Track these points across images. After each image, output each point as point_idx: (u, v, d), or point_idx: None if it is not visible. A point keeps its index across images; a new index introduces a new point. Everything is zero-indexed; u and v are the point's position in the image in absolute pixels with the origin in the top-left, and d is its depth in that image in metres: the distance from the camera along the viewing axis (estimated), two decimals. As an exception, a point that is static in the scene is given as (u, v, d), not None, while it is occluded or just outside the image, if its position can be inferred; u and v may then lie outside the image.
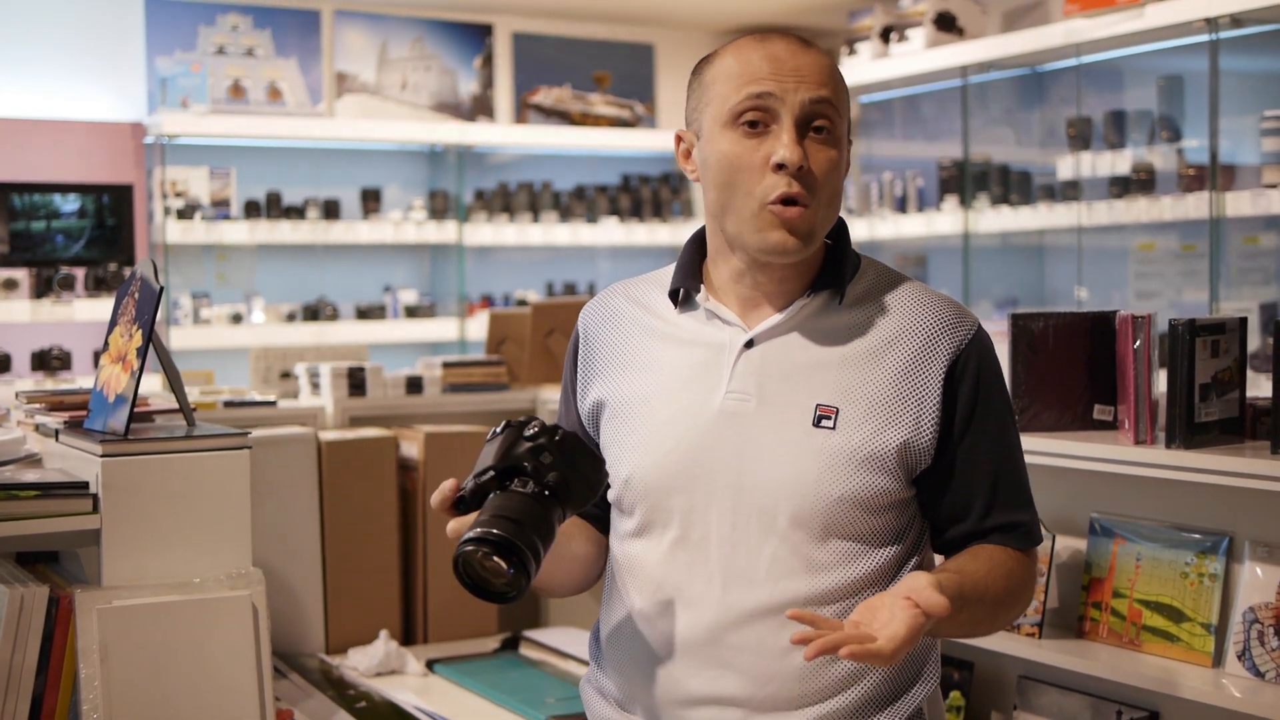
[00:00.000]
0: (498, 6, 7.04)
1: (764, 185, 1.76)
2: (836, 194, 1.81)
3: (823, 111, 1.77)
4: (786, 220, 1.76)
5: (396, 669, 3.25)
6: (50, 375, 5.69)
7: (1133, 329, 2.50)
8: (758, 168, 1.77)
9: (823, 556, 1.77)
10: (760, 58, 1.79)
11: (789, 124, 1.76)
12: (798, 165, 1.74)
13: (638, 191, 7.33)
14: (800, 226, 1.76)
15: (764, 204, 1.76)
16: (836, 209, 1.83)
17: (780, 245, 1.77)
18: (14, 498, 2.32)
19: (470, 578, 1.66)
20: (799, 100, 1.76)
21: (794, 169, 1.74)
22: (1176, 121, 5.03)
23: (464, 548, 1.62)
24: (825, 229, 1.81)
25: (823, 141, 1.78)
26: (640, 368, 1.89)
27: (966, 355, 1.81)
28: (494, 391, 4.04)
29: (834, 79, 1.80)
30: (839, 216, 1.90)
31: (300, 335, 6.30)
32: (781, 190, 1.75)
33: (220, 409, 3.56)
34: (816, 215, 1.78)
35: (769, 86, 1.77)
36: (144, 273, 2.48)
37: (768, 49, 1.80)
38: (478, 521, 1.63)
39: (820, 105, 1.77)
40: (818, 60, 1.80)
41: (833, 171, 1.78)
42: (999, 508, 1.83)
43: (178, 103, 6.38)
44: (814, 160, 1.77)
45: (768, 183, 1.76)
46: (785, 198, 1.75)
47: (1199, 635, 2.47)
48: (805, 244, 1.78)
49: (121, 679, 2.29)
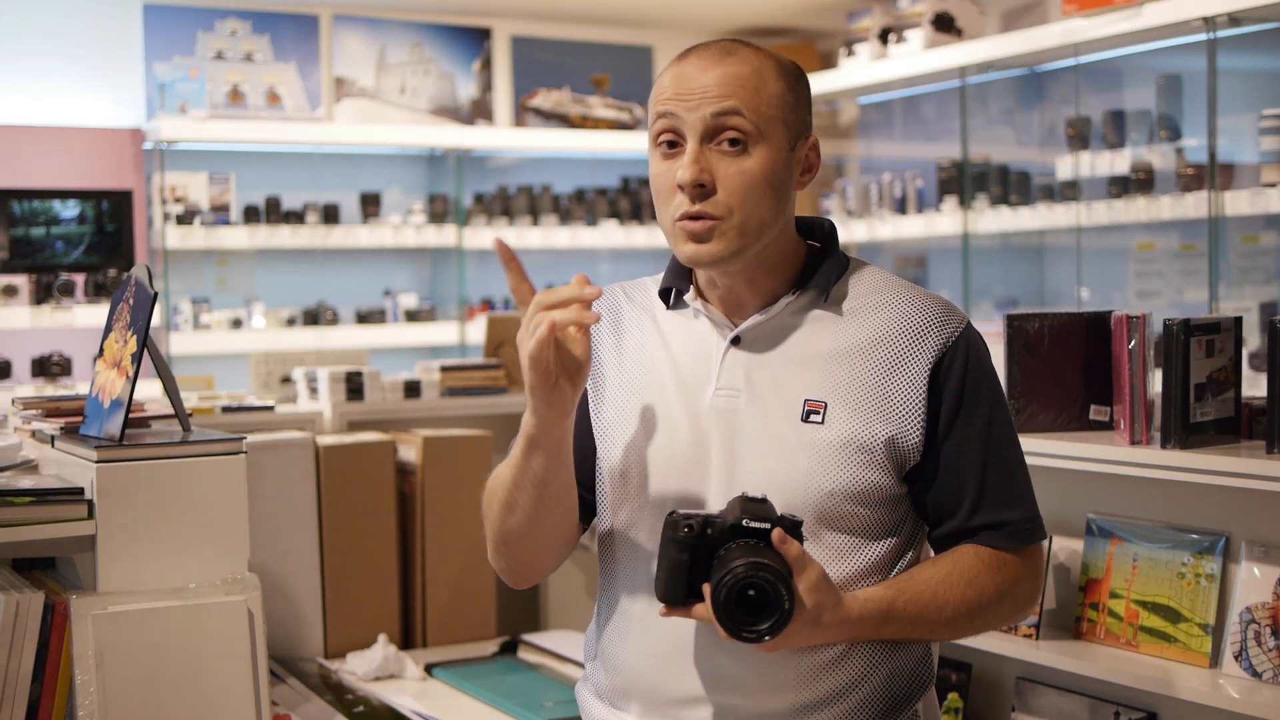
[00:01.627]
0: (496, 10, 7.04)
1: (674, 203, 1.80)
2: (759, 200, 1.79)
3: (729, 124, 1.77)
4: (691, 233, 1.79)
5: (395, 673, 3.25)
6: (50, 381, 5.70)
7: (1128, 329, 2.50)
8: (671, 187, 1.80)
9: (816, 551, 1.78)
10: (671, 78, 1.81)
11: (692, 144, 1.78)
12: (691, 182, 1.76)
13: (637, 194, 7.33)
14: (706, 238, 1.78)
15: (674, 220, 1.80)
16: (771, 210, 1.80)
17: (692, 257, 1.80)
18: (9, 504, 2.32)
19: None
20: (699, 117, 1.77)
21: (689, 187, 1.77)
22: (1175, 121, 5.03)
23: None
24: (746, 239, 1.79)
25: (734, 153, 1.78)
26: (633, 363, 1.91)
27: (953, 352, 1.82)
28: (492, 395, 4.04)
29: (748, 86, 1.78)
30: (827, 220, 1.92)
31: (300, 340, 6.30)
32: (684, 208, 1.78)
33: (218, 414, 3.56)
34: (727, 227, 1.78)
35: (672, 107, 1.79)
36: (138, 277, 2.48)
37: (680, 67, 1.81)
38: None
39: (724, 117, 1.77)
40: (727, 73, 1.78)
41: (747, 182, 1.78)
42: (986, 506, 1.83)
43: (177, 108, 6.38)
44: (721, 173, 1.77)
45: (676, 201, 1.79)
46: (686, 214, 1.78)
47: (1196, 636, 2.47)
48: (717, 256, 1.79)
49: (117, 685, 2.29)
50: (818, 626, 1.71)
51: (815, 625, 1.71)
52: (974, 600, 1.81)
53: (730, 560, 1.66)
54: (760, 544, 1.67)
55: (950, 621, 1.81)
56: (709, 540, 1.70)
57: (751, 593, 1.65)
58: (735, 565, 1.65)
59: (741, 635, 1.66)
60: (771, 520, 1.68)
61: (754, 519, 1.68)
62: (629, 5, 6.98)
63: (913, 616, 1.78)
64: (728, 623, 1.66)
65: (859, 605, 1.75)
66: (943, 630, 1.83)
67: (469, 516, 3.56)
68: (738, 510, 1.70)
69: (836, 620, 1.72)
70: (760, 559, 1.65)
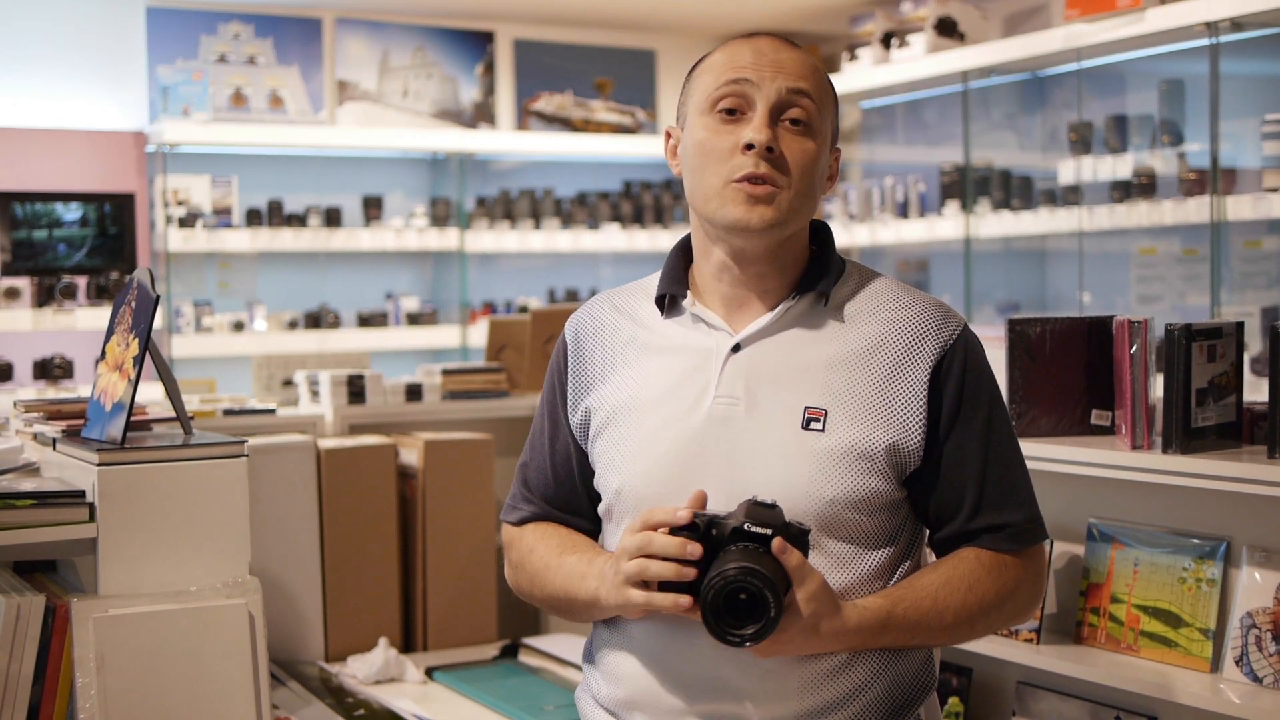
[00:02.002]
0: (499, 14, 7.05)
1: (732, 164, 1.80)
2: (811, 185, 1.82)
3: (799, 103, 1.81)
4: (752, 195, 1.79)
5: (395, 677, 3.25)
6: (52, 384, 5.69)
7: (1129, 334, 2.50)
8: (729, 150, 1.80)
9: (817, 559, 1.78)
10: (743, 49, 1.84)
11: (763, 109, 1.80)
12: (765, 145, 1.78)
13: (639, 198, 7.33)
14: (764, 200, 1.79)
15: (730, 180, 1.80)
16: (811, 200, 1.84)
17: (744, 219, 1.80)
18: (11, 507, 2.32)
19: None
20: (775, 88, 1.80)
21: (762, 149, 1.78)
22: (1177, 125, 5.03)
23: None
24: (796, 216, 1.82)
25: (798, 132, 1.81)
26: (628, 379, 1.89)
27: (951, 356, 1.82)
28: (494, 399, 4.04)
29: (815, 76, 1.84)
30: (823, 222, 1.93)
31: (302, 343, 6.31)
32: (748, 169, 1.79)
33: (219, 417, 3.56)
34: (784, 198, 1.79)
35: (746, 73, 1.81)
36: (141, 280, 2.48)
37: (753, 43, 1.85)
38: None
39: (796, 96, 1.81)
40: (800, 57, 1.84)
41: (807, 161, 1.80)
42: (986, 508, 1.83)
43: (179, 111, 6.39)
44: (786, 146, 1.80)
45: (735, 162, 1.80)
46: (751, 176, 1.78)
47: (1197, 640, 2.46)
48: (770, 222, 1.79)
49: (118, 688, 2.29)
50: (815, 635, 1.71)
51: (812, 634, 1.71)
52: (975, 605, 1.81)
53: (726, 563, 1.66)
54: (760, 549, 1.67)
55: (952, 627, 1.81)
56: (712, 540, 1.70)
57: (743, 596, 1.65)
58: (728, 568, 1.65)
59: (726, 638, 1.66)
60: (776, 526, 1.68)
61: (758, 524, 1.68)
62: (632, 9, 6.98)
63: (913, 624, 1.78)
64: (713, 623, 1.66)
65: (858, 614, 1.75)
66: (944, 636, 1.83)
67: (470, 520, 3.57)
68: (743, 514, 1.70)
69: (834, 629, 1.72)
70: (754, 564, 1.64)
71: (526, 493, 2.02)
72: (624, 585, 1.73)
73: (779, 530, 1.68)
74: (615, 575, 1.75)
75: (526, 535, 1.99)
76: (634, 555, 1.71)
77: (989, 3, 6.22)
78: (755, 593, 1.64)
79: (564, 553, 1.92)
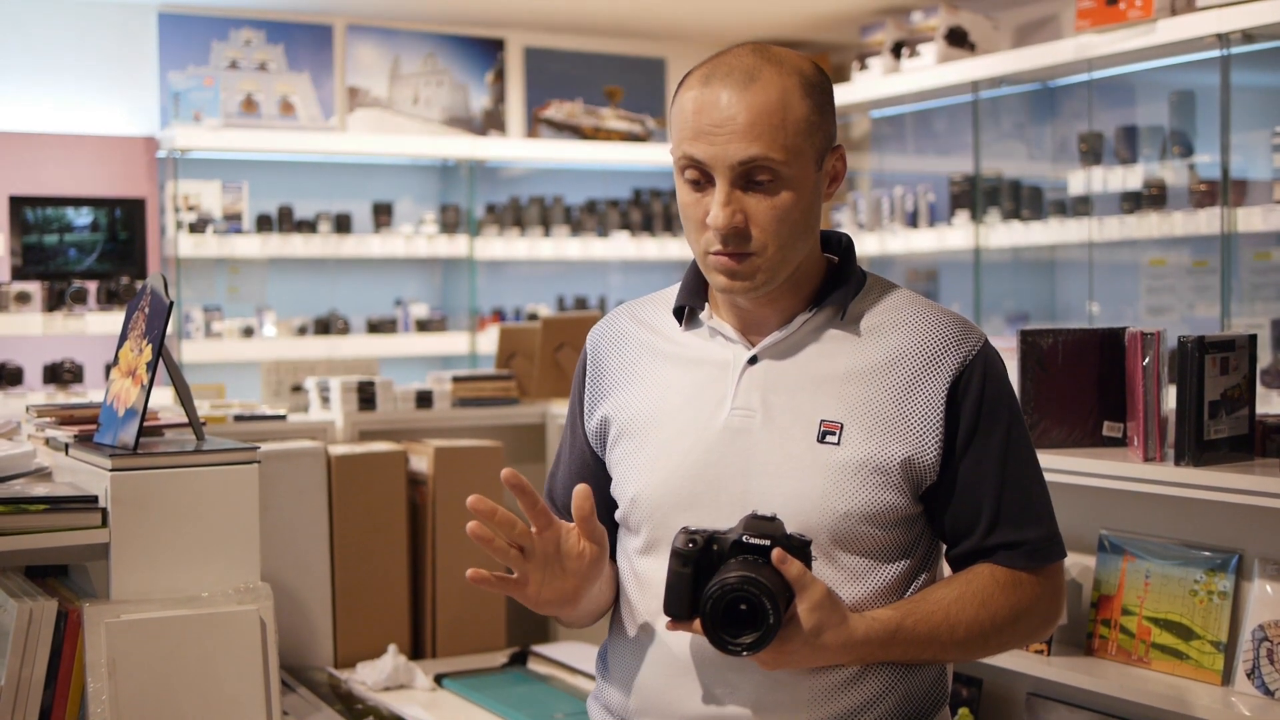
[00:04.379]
0: (509, 21, 7.06)
1: (705, 237, 1.79)
2: (795, 231, 1.79)
3: (758, 164, 1.74)
4: (725, 267, 1.79)
5: (405, 683, 3.25)
6: (62, 389, 5.71)
7: (1142, 346, 2.50)
8: (700, 220, 1.79)
9: (830, 573, 1.77)
10: (694, 110, 1.76)
11: (721, 186, 1.76)
12: (724, 227, 1.75)
13: (649, 205, 7.33)
14: (741, 272, 1.78)
15: (706, 252, 1.80)
16: (801, 241, 1.81)
17: (726, 288, 1.81)
18: (23, 511, 2.33)
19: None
20: (728, 165, 1.74)
21: (721, 231, 1.76)
22: (1188, 137, 5.03)
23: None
24: (782, 267, 1.80)
25: (765, 191, 1.76)
26: (646, 388, 1.90)
27: (970, 371, 1.81)
28: (504, 406, 4.05)
29: (772, 122, 1.73)
30: (845, 234, 1.92)
31: (311, 349, 6.31)
32: (715, 246, 1.78)
33: (230, 423, 3.57)
34: (762, 261, 1.78)
35: (699, 151, 1.76)
36: (154, 286, 2.49)
37: (706, 96, 1.76)
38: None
39: (751, 163, 1.74)
40: (754, 102, 1.74)
41: (780, 215, 1.76)
42: (1003, 525, 1.82)
43: (190, 117, 6.40)
44: (754, 212, 1.76)
45: (706, 236, 1.79)
46: (721, 252, 1.78)
47: (1208, 653, 2.46)
48: (750, 289, 1.80)
49: (130, 693, 2.29)
50: (819, 646, 1.70)
51: (816, 644, 1.70)
52: (987, 621, 1.80)
53: (725, 574, 1.66)
54: (761, 561, 1.67)
55: (963, 642, 1.80)
56: (712, 556, 1.70)
57: (744, 606, 1.65)
58: (728, 577, 1.65)
59: (725, 647, 1.66)
60: (775, 538, 1.68)
61: (756, 536, 1.68)
62: (642, 17, 6.99)
63: (923, 637, 1.77)
64: (712, 632, 1.66)
65: (865, 625, 1.74)
66: (955, 651, 1.82)
67: (480, 527, 3.57)
68: (742, 527, 1.70)
69: (840, 640, 1.71)
70: (753, 574, 1.65)
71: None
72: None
73: (778, 542, 1.68)
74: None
75: None
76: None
77: (1000, 13, 6.22)
78: (754, 601, 1.64)
79: None
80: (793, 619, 1.68)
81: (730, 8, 6.70)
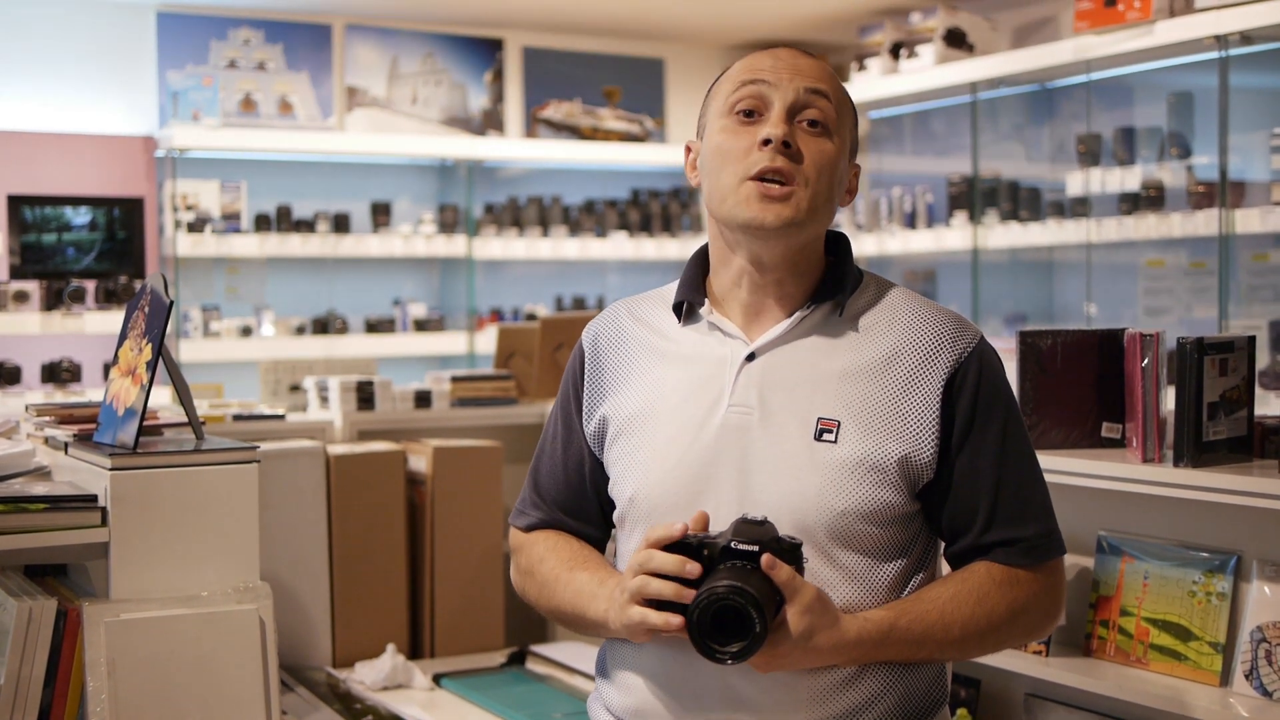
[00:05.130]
0: (508, 21, 7.06)
1: (749, 160, 1.81)
2: (830, 188, 1.83)
3: (816, 103, 1.83)
4: (767, 193, 1.79)
5: (403, 683, 3.25)
6: (60, 388, 5.70)
7: (1141, 347, 2.50)
8: (745, 149, 1.81)
9: (828, 571, 1.77)
10: (762, 57, 1.86)
11: (780, 109, 1.81)
12: (781, 139, 1.79)
13: (647, 206, 7.33)
14: (780, 199, 1.79)
15: (746, 178, 1.81)
16: (830, 204, 1.84)
17: (759, 219, 1.80)
18: (23, 510, 2.33)
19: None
20: (793, 87, 1.82)
21: (778, 144, 1.79)
22: (1186, 138, 5.03)
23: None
24: (814, 217, 1.82)
25: (816, 133, 1.83)
26: (644, 386, 1.90)
27: (965, 368, 1.82)
28: (502, 406, 4.05)
29: (833, 82, 1.87)
30: (841, 233, 1.93)
31: (309, 348, 6.31)
32: (764, 164, 1.79)
33: (229, 422, 3.57)
34: (802, 196, 1.80)
35: (764, 75, 1.83)
36: (154, 286, 2.49)
37: (771, 52, 1.88)
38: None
39: (813, 96, 1.83)
40: (818, 65, 1.87)
41: (825, 161, 1.81)
42: (1000, 522, 1.83)
43: (189, 116, 6.40)
44: (805, 145, 1.82)
45: (752, 158, 1.81)
46: (767, 170, 1.79)
47: (1206, 654, 2.46)
48: (786, 221, 1.80)
49: (129, 692, 2.29)
50: (811, 648, 1.70)
51: (808, 646, 1.70)
52: (984, 619, 1.80)
53: (714, 581, 1.66)
54: (750, 566, 1.67)
55: (959, 641, 1.80)
56: (703, 560, 1.70)
57: (732, 615, 1.65)
58: (717, 585, 1.65)
59: (713, 655, 1.67)
60: (763, 541, 1.68)
61: (745, 541, 1.68)
62: (641, 18, 6.99)
63: (917, 636, 1.77)
64: (698, 640, 1.66)
65: (858, 626, 1.74)
66: (952, 650, 1.82)
67: (478, 527, 3.57)
68: (732, 532, 1.70)
69: (832, 642, 1.71)
70: (740, 583, 1.64)
71: (536, 498, 2.02)
72: (628, 603, 1.73)
73: (767, 545, 1.68)
74: (621, 594, 1.75)
75: (537, 544, 1.99)
76: (637, 572, 1.71)
77: (998, 14, 6.23)
78: (741, 611, 1.64)
79: (575, 568, 1.92)
80: (783, 623, 1.68)
81: (729, 8, 6.70)
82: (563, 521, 2.00)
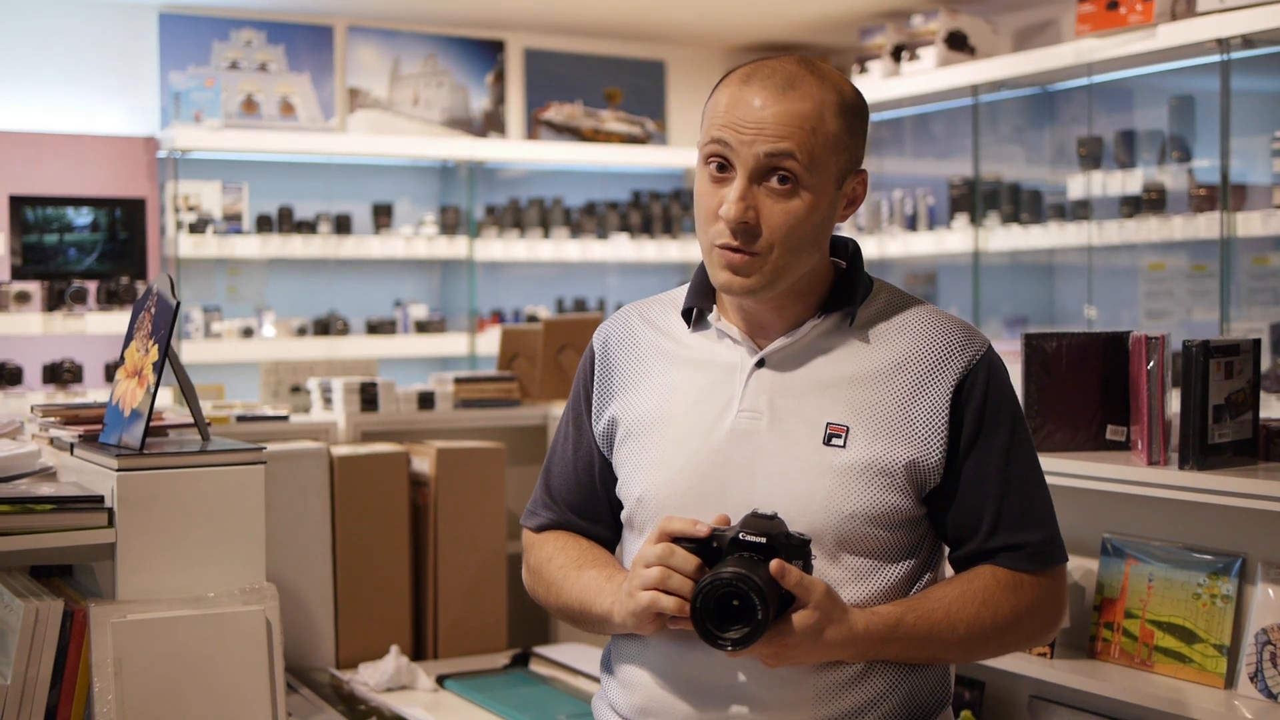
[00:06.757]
0: (510, 23, 7.06)
1: (714, 229, 1.80)
2: (801, 242, 1.80)
3: (781, 165, 1.76)
4: (729, 263, 1.80)
5: (407, 684, 3.25)
6: (61, 388, 5.70)
7: (1146, 350, 2.51)
8: (714, 210, 1.80)
9: (835, 573, 1.78)
10: (729, 102, 1.79)
11: (741, 175, 1.78)
12: (735, 220, 1.77)
13: (648, 208, 7.34)
14: (742, 270, 1.79)
15: (713, 245, 1.81)
16: (806, 253, 1.82)
17: (725, 285, 1.82)
18: (29, 511, 2.33)
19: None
20: (752, 154, 1.77)
21: (731, 223, 1.77)
22: (1187, 141, 5.04)
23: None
24: (785, 274, 1.81)
25: (782, 193, 1.77)
26: (654, 389, 1.91)
27: (974, 376, 1.83)
28: (506, 407, 4.05)
29: (804, 127, 1.76)
30: (852, 240, 1.93)
31: (311, 349, 6.31)
32: (723, 238, 1.79)
33: (233, 423, 3.57)
34: (765, 264, 1.79)
35: (725, 135, 1.78)
36: (160, 288, 2.49)
37: (743, 93, 1.79)
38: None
39: (776, 159, 1.76)
40: (789, 109, 1.77)
41: (790, 223, 1.78)
42: (1005, 528, 1.84)
43: (191, 117, 6.40)
44: (766, 211, 1.78)
45: (717, 227, 1.80)
46: (728, 245, 1.79)
47: (1211, 656, 2.47)
48: (750, 289, 1.80)
49: (135, 693, 2.30)
50: (821, 642, 1.71)
51: (818, 640, 1.71)
52: (988, 620, 1.81)
53: (720, 569, 1.67)
54: (758, 558, 1.68)
55: (963, 642, 1.81)
56: (713, 553, 1.71)
57: (735, 602, 1.66)
58: (722, 572, 1.66)
59: (714, 641, 1.67)
60: (772, 535, 1.69)
61: (755, 534, 1.69)
62: (642, 20, 6.99)
63: (923, 634, 1.78)
64: (701, 625, 1.67)
65: (866, 620, 1.75)
66: (956, 650, 1.83)
67: (482, 529, 3.57)
68: (741, 525, 1.72)
69: (841, 635, 1.73)
70: (746, 571, 1.65)
71: (548, 499, 2.03)
72: (637, 589, 1.73)
73: (776, 539, 1.69)
74: (629, 583, 1.76)
75: (547, 543, 2.01)
76: (653, 564, 1.72)
77: (999, 17, 6.24)
78: (745, 597, 1.65)
79: (583, 565, 1.93)
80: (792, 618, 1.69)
81: (730, 11, 6.71)
82: (573, 522, 2.01)
